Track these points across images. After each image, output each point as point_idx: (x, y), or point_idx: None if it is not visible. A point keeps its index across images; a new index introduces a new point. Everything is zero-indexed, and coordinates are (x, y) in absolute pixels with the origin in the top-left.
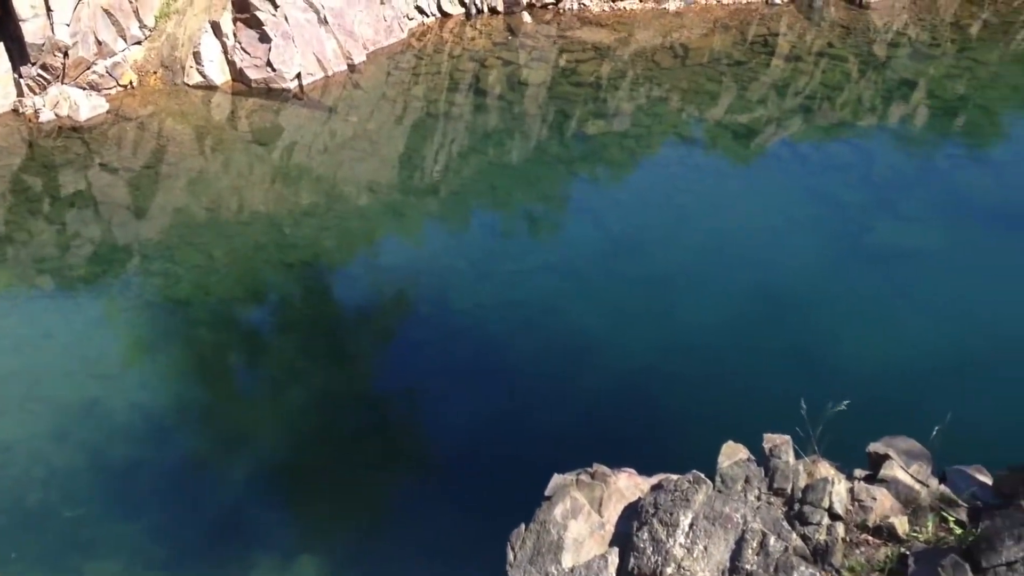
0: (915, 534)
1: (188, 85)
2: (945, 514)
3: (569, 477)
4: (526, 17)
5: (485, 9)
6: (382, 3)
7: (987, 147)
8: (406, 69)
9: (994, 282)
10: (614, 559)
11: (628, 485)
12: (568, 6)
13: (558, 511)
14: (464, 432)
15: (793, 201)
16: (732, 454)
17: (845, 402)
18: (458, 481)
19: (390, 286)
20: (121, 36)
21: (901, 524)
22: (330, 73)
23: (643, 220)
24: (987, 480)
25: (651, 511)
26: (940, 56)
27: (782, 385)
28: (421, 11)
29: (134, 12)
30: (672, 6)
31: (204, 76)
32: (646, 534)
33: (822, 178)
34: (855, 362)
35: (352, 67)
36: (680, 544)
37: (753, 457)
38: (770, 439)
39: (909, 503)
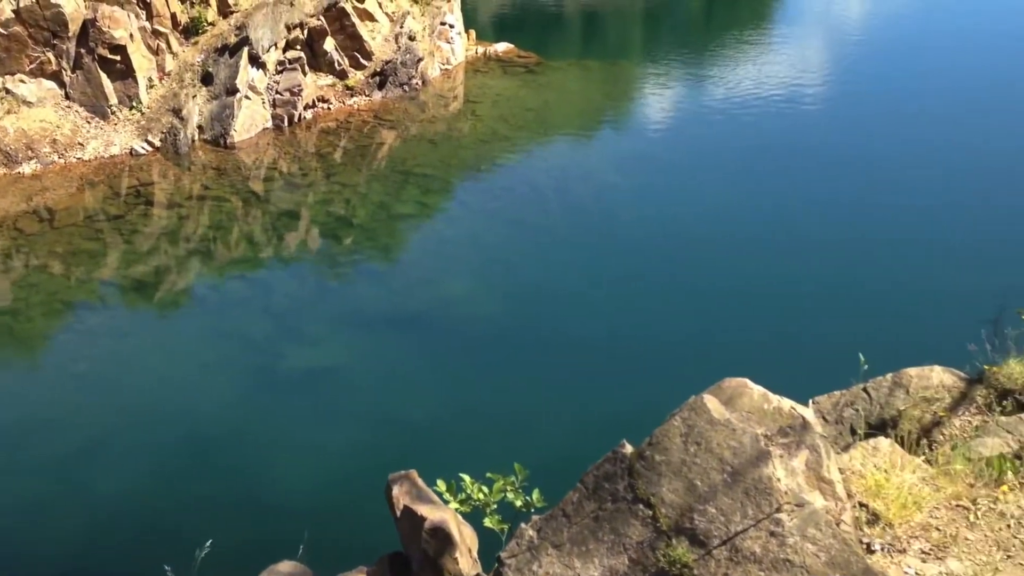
0: None
1: None
2: None
3: None
4: None
5: None
6: None
7: (370, 260)
8: None
9: (403, 382)
10: None
11: None
12: None
13: None
14: None
15: (203, 345)
16: None
17: (209, 542)
18: None
19: None
20: None
21: None
22: None
23: (37, 398)
24: None
25: None
26: (312, 184)
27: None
28: None
29: None
30: (27, 169)
31: None
32: None
33: (227, 317)
34: (280, 494)
35: None
36: None
37: None
38: None
39: None
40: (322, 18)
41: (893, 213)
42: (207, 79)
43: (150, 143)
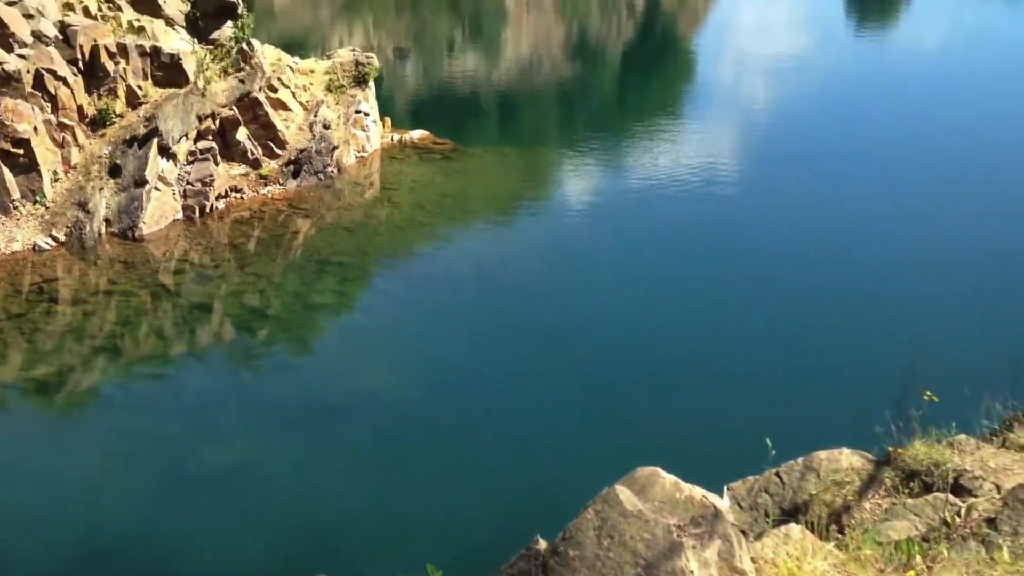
0: None
1: None
2: None
3: None
4: None
5: None
6: None
7: (285, 352)
8: None
9: (317, 479)
10: None
11: None
12: None
13: None
14: None
15: (108, 447)
16: None
17: None
18: None
19: None
20: None
21: None
22: None
23: None
24: None
25: None
26: (224, 275)
27: None
28: None
29: None
30: None
31: None
32: None
33: (135, 417)
34: None
35: None
36: None
37: None
38: None
39: None
40: (235, 108)
41: (797, 296)
42: (115, 171)
43: (54, 238)
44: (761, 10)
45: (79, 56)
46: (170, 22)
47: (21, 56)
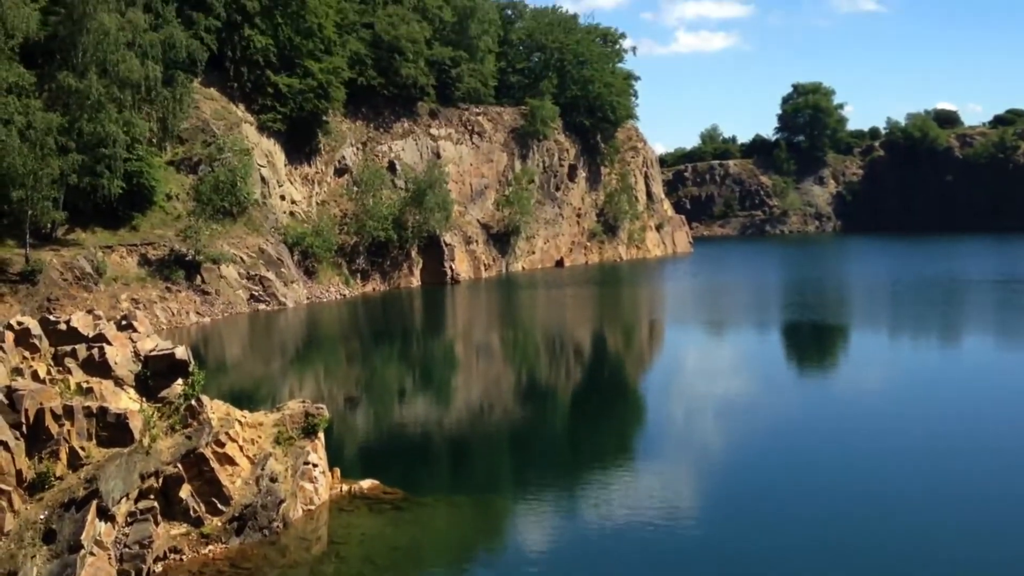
0: None
1: None
2: None
3: None
4: None
5: None
6: None
7: None
8: None
9: None
10: None
11: None
12: None
13: None
14: None
15: None
16: None
17: None
18: None
19: None
20: None
21: None
22: None
23: None
24: None
25: None
26: None
27: None
28: None
29: None
30: None
31: None
32: None
33: None
34: None
35: None
36: None
37: None
38: None
39: None
40: (179, 465)
41: None
42: (49, 536)
43: None
44: (705, 354)
45: (23, 420)
46: (119, 382)
47: None
